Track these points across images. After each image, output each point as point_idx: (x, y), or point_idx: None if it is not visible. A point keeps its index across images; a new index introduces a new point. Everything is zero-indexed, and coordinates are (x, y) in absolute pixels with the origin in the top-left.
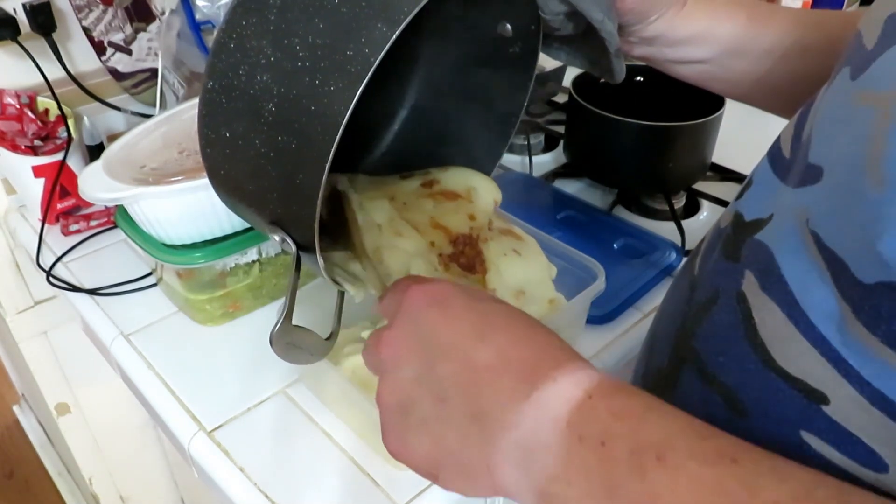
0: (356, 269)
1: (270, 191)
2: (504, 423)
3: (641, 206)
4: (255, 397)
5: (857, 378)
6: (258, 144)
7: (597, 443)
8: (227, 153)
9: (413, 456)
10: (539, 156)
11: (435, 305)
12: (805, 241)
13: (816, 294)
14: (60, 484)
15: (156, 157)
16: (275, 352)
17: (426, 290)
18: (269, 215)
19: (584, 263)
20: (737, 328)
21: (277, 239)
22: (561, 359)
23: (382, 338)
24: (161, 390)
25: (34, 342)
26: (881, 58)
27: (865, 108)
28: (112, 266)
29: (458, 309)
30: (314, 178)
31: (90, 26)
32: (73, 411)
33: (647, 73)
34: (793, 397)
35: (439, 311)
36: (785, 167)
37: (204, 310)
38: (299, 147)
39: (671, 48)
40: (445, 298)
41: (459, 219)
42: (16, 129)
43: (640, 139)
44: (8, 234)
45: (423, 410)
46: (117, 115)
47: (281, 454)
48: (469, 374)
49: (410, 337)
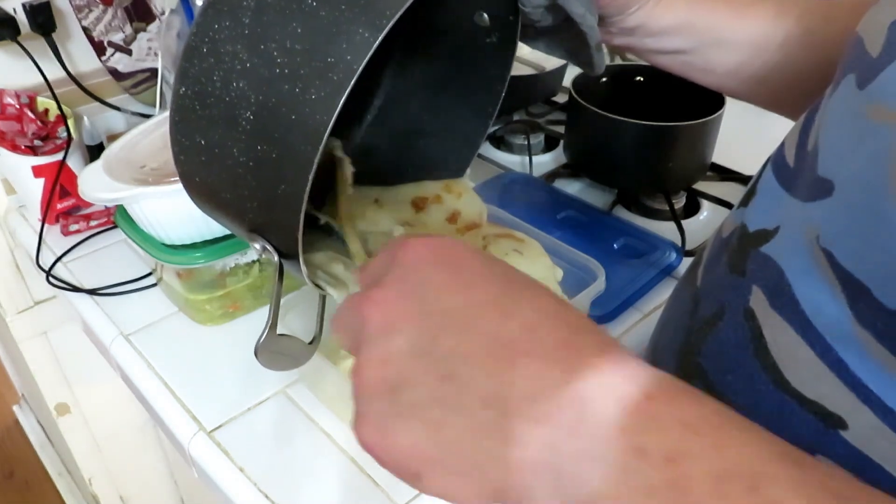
0: (338, 270)
1: (250, 200)
2: (532, 416)
3: (641, 206)
4: (255, 397)
5: (879, 405)
6: (236, 154)
7: (663, 459)
8: (203, 161)
9: (394, 447)
10: (539, 156)
11: (443, 265)
12: (816, 258)
13: (831, 315)
14: (60, 484)
15: (156, 157)
16: (260, 362)
17: (431, 244)
18: (248, 224)
19: (584, 263)
20: (745, 346)
21: (258, 247)
22: (603, 344)
23: (369, 297)
24: (161, 390)
25: (34, 342)
26: (890, 68)
27: (880, 124)
28: (112, 266)
29: (472, 271)
30: (298, 188)
31: (90, 26)
32: (73, 411)
33: (647, 73)
34: (808, 420)
35: (449, 273)
36: (790, 177)
37: (204, 310)
38: (280, 157)
39: (651, 38)
40: (456, 257)
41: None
42: (16, 129)
43: (640, 139)
44: (8, 234)
45: (418, 391)
46: (117, 115)
47: (281, 454)
48: (486, 350)
49: (408, 298)
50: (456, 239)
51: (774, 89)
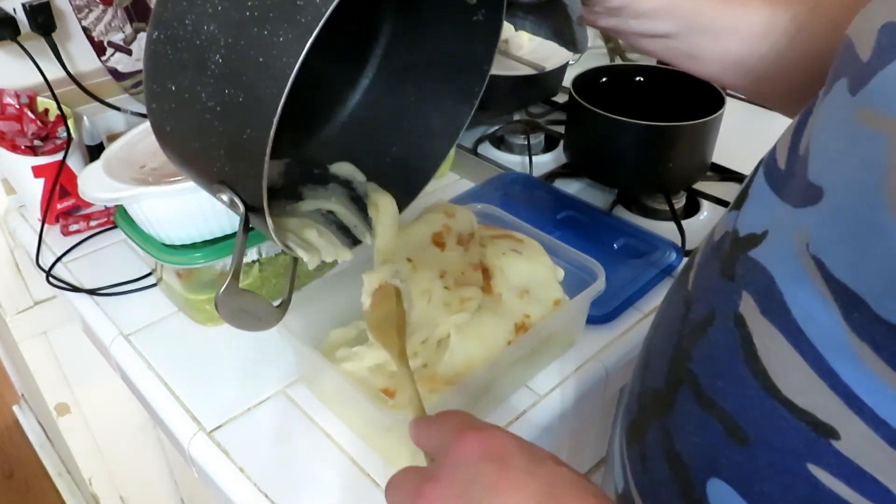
0: (311, 236)
1: (217, 147)
2: None
3: (641, 206)
4: (255, 397)
5: (871, 416)
6: (204, 98)
7: None
8: (173, 108)
9: None
10: (539, 156)
11: (493, 461)
12: (807, 266)
13: (823, 324)
14: (60, 484)
15: (156, 157)
16: (221, 315)
17: (483, 439)
18: (216, 174)
19: (584, 263)
20: (735, 352)
21: (225, 199)
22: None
23: (422, 491)
24: (161, 390)
25: (34, 342)
26: (881, 73)
27: (872, 131)
28: (112, 266)
29: (518, 472)
30: (262, 133)
31: (90, 26)
32: (73, 411)
33: (647, 73)
34: (799, 429)
35: (497, 470)
36: (781, 180)
37: (204, 310)
38: (246, 101)
39: (636, 20)
40: (506, 455)
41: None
42: (16, 129)
43: (640, 139)
44: (8, 234)
45: None
46: (117, 115)
47: (281, 454)
48: None
49: (459, 494)
50: (505, 432)
51: (759, 79)
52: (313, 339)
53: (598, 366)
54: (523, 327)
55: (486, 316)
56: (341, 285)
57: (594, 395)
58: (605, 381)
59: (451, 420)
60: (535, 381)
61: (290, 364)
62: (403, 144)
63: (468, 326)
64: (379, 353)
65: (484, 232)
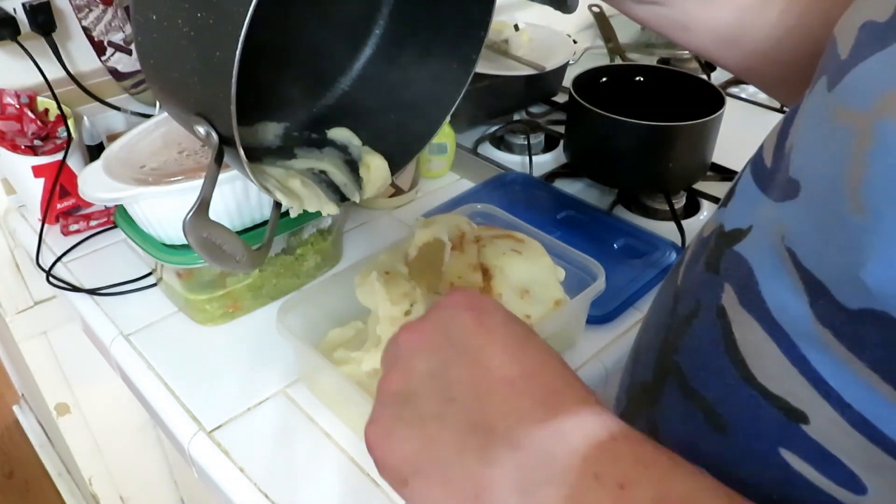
0: (294, 185)
1: (192, 74)
2: (510, 442)
3: (641, 206)
4: (255, 397)
5: (837, 400)
6: (180, 24)
7: (615, 484)
8: (155, 38)
9: (393, 452)
10: (539, 156)
11: (473, 310)
12: (782, 257)
13: (794, 312)
14: (60, 484)
15: (156, 157)
16: (189, 241)
17: (469, 294)
18: (193, 105)
19: (584, 263)
20: (717, 343)
21: (202, 132)
22: (589, 400)
23: (409, 326)
24: (161, 390)
25: (34, 342)
26: (855, 70)
27: (843, 125)
28: (112, 266)
29: (495, 322)
30: (230, 52)
31: (90, 26)
32: (73, 411)
33: (647, 73)
34: (772, 415)
35: (475, 317)
36: (766, 177)
37: (204, 310)
38: (216, 22)
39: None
40: (487, 309)
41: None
42: (16, 129)
43: (640, 139)
44: (8, 234)
45: (424, 407)
46: (117, 115)
47: (281, 454)
48: (484, 383)
49: (437, 331)
50: (491, 298)
51: (751, 54)
52: (313, 339)
53: (598, 366)
54: None
55: None
56: (341, 285)
57: None
58: (605, 381)
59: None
60: None
61: (290, 364)
62: (401, 112)
63: None
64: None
65: (484, 232)
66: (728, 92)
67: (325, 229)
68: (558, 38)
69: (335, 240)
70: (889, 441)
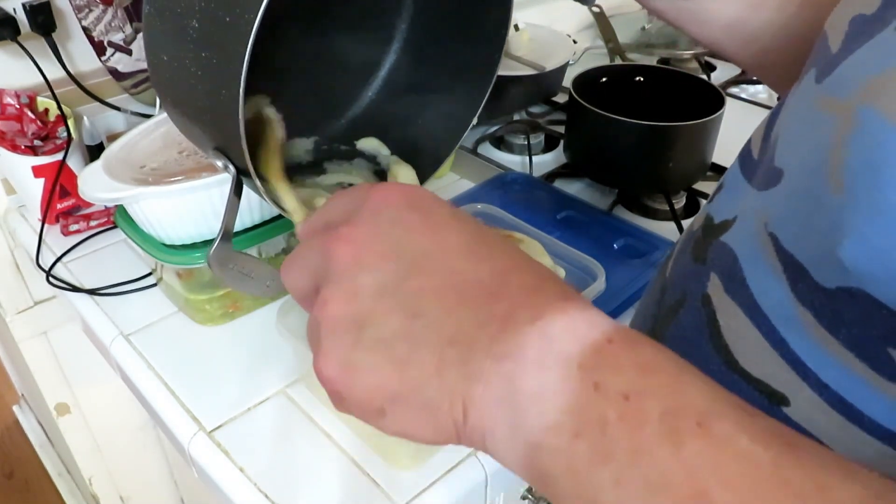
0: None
1: (204, 112)
2: (494, 352)
3: (641, 206)
4: (255, 397)
5: (815, 381)
6: (188, 64)
7: (618, 395)
8: (168, 77)
9: (359, 383)
10: (539, 156)
11: (415, 209)
12: (764, 243)
13: (775, 296)
14: (60, 484)
15: (156, 157)
16: (216, 275)
17: (403, 190)
18: (209, 140)
19: (584, 263)
20: (702, 330)
21: (220, 165)
22: (568, 293)
23: (337, 234)
24: (161, 390)
25: (34, 342)
26: (844, 63)
27: (828, 114)
28: (112, 266)
29: (443, 217)
30: (234, 90)
31: (90, 26)
32: (73, 411)
33: (647, 73)
34: (754, 399)
35: (420, 217)
36: (752, 169)
37: (204, 310)
38: (220, 61)
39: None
40: (427, 203)
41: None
42: (16, 129)
43: (640, 139)
44: (8, 234)
45: (385, 327)
46: (117, 115)
47: (281, 454)
48: (455, 291)
49: (379, 237)
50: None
51: (764, 49)
52: None
53: None
54: None
55: None
56: None
57: None
58: None
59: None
60: None
61: (290, 364)
62: (426, 119)
63: None
64: None
65: None
66: (728, 92)
67: None
68: (558, 38)
69: None
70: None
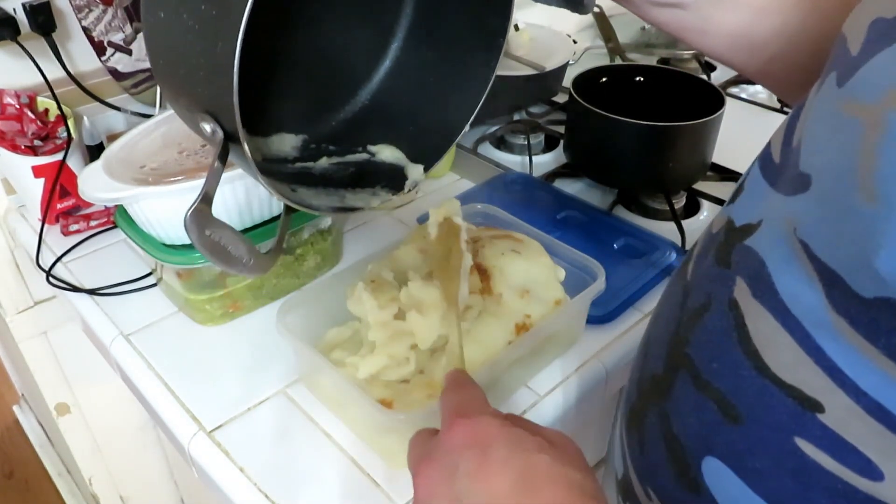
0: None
1: (198, 69)
2: None
3: (641, 206)
4: (255, 397)
5: (853, 388)
6: (186, 18)
7: None
8: (164, 36)
9: None
10: (539, 156)
11: (475, 448)
12: (794, 249)
13: (808, 302)
14: (60, 484)
15: (156, 157)
16: (191, 239)
17: (469, 427)
18: (199, 101)
19: (584, 263)
20: (729, 335)
21: (208, 129)
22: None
23: (420, 468)
24: (161, 390)
25: (34, 342)
26: (866, 66)
27: (853, 118)
28: (112, 266)
29: (497, 459)
30: (231, 42)
31: (90, 26)
32: (73, 411)
33: (647, 73)
34: (787, 404)
35: (477, 458)
36: (775, 172)
37: (204, 310)
38: (218, 14)
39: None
40: (488, 443)
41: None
42: (16, 129)
43: (640, 139)
44: (8, 234)
45: None
46: (117, 115)
47: (281, 454)
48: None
49: (443, 482)
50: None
51: (770, 58)
52: (313, 339)
53: (598, 366)
54: (524, 327)
55: (486, 317)
56: (341, 285)
57: (594, 394)
58: (605, 381)
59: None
60: (535, 381)
61: (290, 364)
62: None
63: (469, 328)
64: (376, 360)
65: (483, 233)
66: (728, 92)
67: (325, 229)
68: (558, 38)
69: (335, 240)
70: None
